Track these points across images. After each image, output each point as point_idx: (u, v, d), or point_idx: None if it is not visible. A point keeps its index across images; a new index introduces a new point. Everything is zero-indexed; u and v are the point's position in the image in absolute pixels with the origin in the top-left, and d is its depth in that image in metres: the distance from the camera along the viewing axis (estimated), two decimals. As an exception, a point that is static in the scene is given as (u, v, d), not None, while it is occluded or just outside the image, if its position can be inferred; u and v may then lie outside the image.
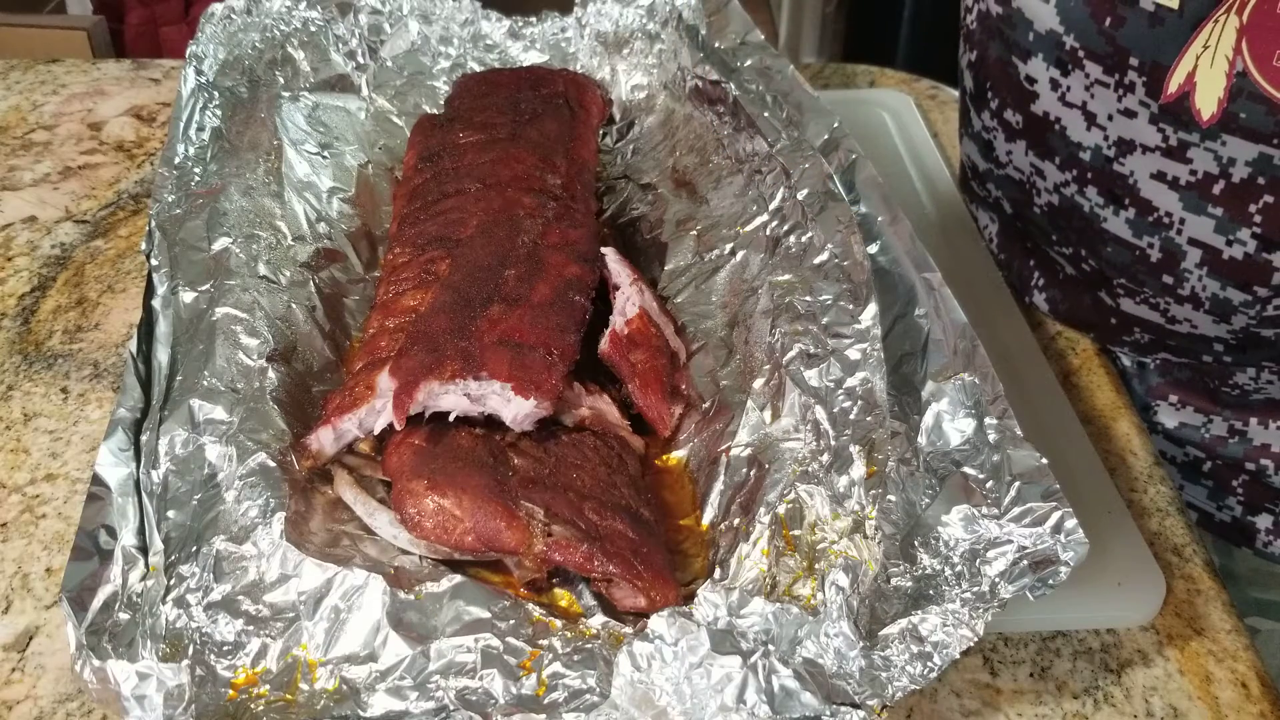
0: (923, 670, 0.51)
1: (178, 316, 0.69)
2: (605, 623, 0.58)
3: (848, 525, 0.58)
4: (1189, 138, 0.70)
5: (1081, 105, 0.75)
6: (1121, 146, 0.74)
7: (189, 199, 0.79)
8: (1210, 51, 0.67)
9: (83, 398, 0.80)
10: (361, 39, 1.04)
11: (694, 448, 0.72)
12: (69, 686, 0.61)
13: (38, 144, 1.09)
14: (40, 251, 0.95)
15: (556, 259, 0.75)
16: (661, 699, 0.50)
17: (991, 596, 0.53)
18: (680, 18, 1.02)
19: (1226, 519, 0.88)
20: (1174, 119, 0.70)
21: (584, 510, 0.62)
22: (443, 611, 0.55)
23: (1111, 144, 0.75)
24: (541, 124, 0.91)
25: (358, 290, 0.83)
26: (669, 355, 0.75)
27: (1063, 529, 0.54)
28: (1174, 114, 0.70)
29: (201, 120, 0.87)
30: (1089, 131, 0.76)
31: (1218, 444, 0.87)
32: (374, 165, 0.95)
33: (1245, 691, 0.63)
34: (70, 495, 0.72)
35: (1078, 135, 0.77)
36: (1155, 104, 0.71)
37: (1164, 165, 0.72)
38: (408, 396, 0.63)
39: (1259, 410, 0.84)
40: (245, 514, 0.58)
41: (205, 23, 0.97)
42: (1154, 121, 0.71)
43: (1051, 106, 0.78)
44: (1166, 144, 0.71)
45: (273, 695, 0.52)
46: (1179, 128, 0.70)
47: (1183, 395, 0.87)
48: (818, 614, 0.51)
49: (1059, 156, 0.79)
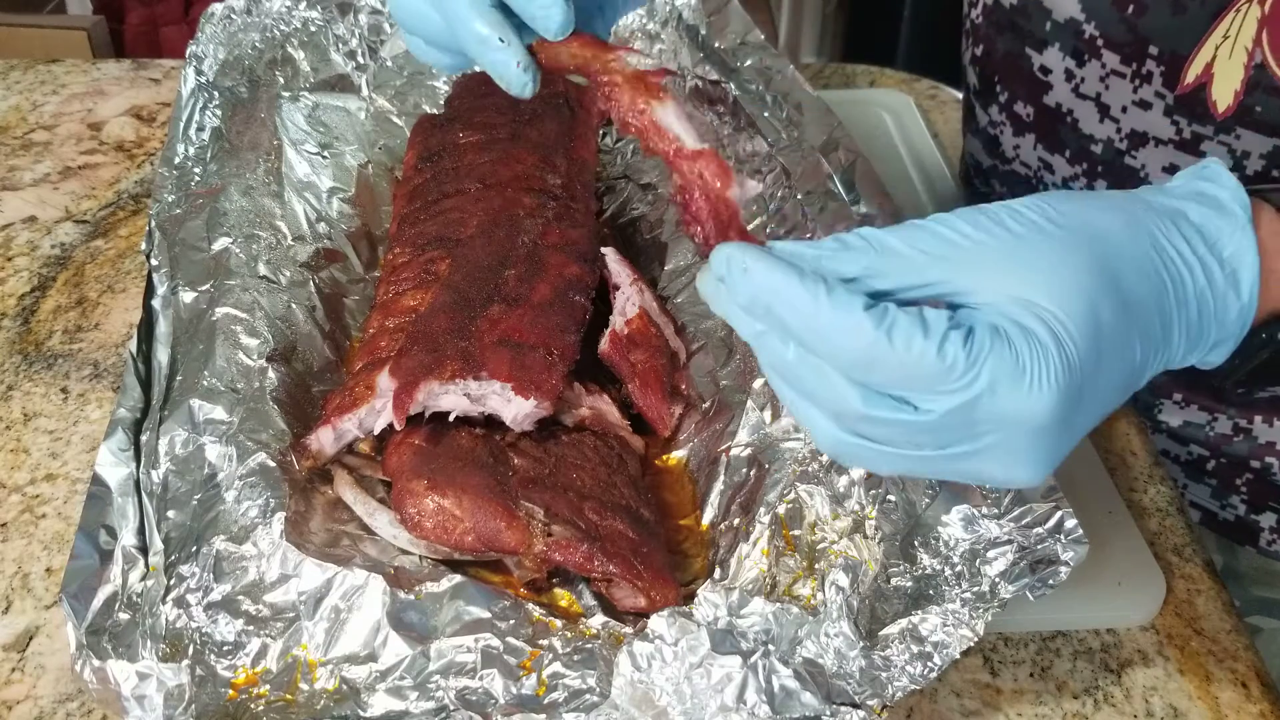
0: (923, 670, 0.51)
1: (178, 316, 0.69)
2: (605, 623, 0.58)
3: (848, 525, 0.58)
4: (1203, 130, 0.70)
5: (1096, 96, 0.75)
6: (1134, 139, 0.74)
7: (189, 199, 0.79)
8: (1230, 42, 0.67)
9: (83, 398, 0.80)
10: (361, 39, 1.04)
11: (694, 448, 0.72)
12: (69, 686, 0.61)
13: (38, 144, 1.09)
14: (40, 251, 0.95)
15: (556, 259, 0.75)
16: (661, 699, 0.50)
17: (991, 596, 0.53)
18: (680, 18, 1.02)
19: (1230, 518, 0.88)
20: (1189, 111, 0.70)
21: (584, 510, 0.62)
22: (443, 611, 0.55)
23: (1124, 136, 0.74)
24: (541, 124, 0.90)
25: (358, 290, 0.83)
26: (669, 355, 0.75)
27: (1063, 529, 0.54)
28: (1189, 106, 0.70)
29: (201, 120, 0.87)
30: (1101, 124, 0.75)
31: (1222, 442, 0.87)
32: (374, 165, 0.95)
33: (1245, 691, 0.63)
34: (70, 495, 0.72)
35: (1090, 127, 0.76)
36: (1171, 95, 0.70)
37: (1176, 158, 0.72)
38: (408, 396, 0.63)
39: (1264, 408, 0.84)
40: (245, 514, 0.58)
41: (205, 23, 0.97)
42: (1168, 114, 0.71)
43: (1064, 98, 0.77)
44: (1180, 136, 0.71)
45: (273, 695, 0.52)
46: (1193, 120, 0.70)
47: (1187, 393, 0.87)
48: (818, 614, 0.52)
49: (1069, 149, 0.79)
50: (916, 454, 0.45)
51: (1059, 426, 0.44)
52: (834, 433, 0.46)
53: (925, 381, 0.43)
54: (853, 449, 0.46)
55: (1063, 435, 0.45)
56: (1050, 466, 0.46)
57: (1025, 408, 0.43)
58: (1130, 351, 0.47)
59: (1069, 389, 0.44)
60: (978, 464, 0.45)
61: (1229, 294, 0.49)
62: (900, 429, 0.44)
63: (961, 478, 0.47)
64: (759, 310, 0.44)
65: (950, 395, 0.43)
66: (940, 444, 0.45)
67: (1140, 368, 0.48)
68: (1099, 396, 0.46)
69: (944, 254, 0.45)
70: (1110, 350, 0.45)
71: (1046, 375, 0.43)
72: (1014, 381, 0.43)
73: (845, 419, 0.45)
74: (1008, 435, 0.44)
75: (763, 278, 0.43)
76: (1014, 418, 0.43)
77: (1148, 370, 0.49)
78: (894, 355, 0.42)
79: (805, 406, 0.46)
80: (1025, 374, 0.43)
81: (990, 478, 0.46)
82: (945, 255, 0.45)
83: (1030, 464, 0.45)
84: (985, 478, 0.47)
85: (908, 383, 0.43)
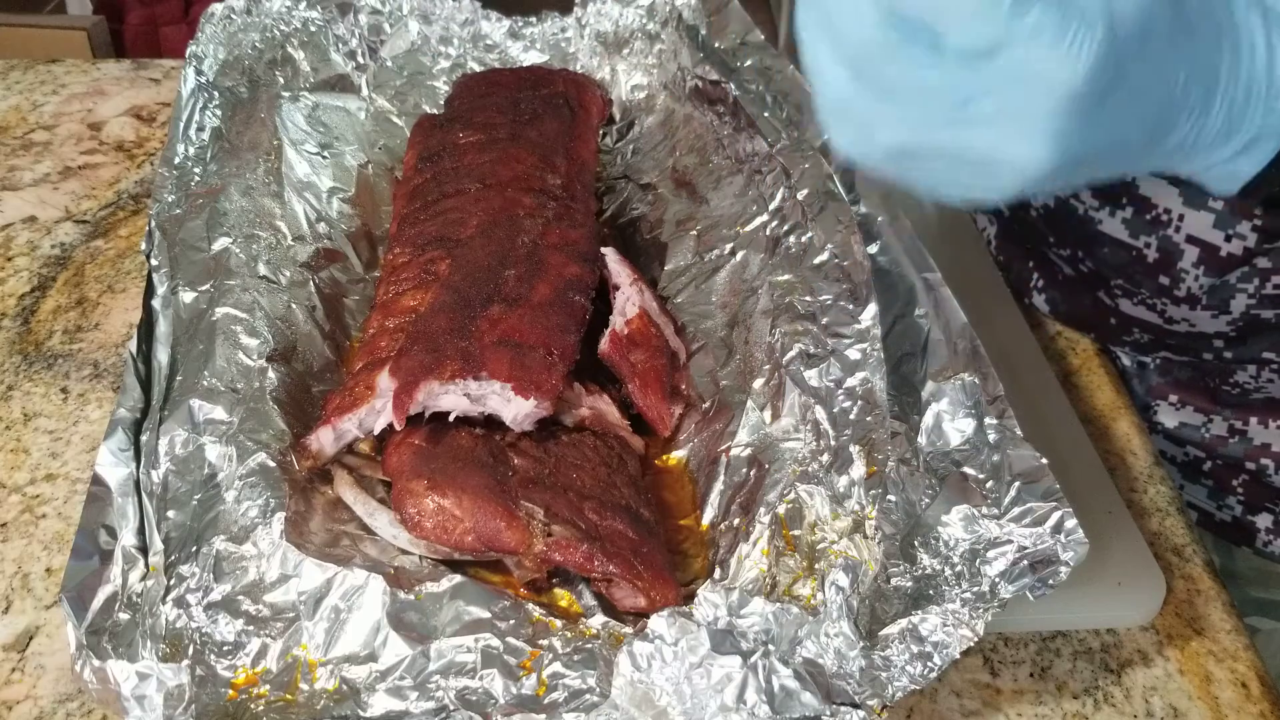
0: (923, 670, 0.51)
1: (178, 316, 0.69)
2: (605, 623, 0.58)
3: (848, 525, 0.58)
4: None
5: None
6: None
7: (189, 199, 0.79)
8: None
9: (83, 398, 0.80)
10: (361, 39, 1.04)
11: (694, 448, 0.72)
12: (69, 686, 0.61)
13: (38, 144, 1.09)
14: (40, 251, 0.95)
15: (556, 259, 0.75)
16: (661, 699, 0.50)
17: (991, 596, 0.53)
18: (680, 18, 1.02)
19: (1227, 518, 0.88)
20: None
21: (584, 510, 0.62)
22: (443, 611, 0.55)
23: None
24: (541, 124, 0.90)
25: (358, 290, 0.83)
26: (669, 355, 0.75)
27: (1063, 529, 0.54)
28: None
29: (201, 120, 0.87)
30: None
31: (1218, 443, 0.87)
32: (374, 165, 0.95)
33: (1245, 691, 0.63)
34: (70, 495, 0.72)
35: None
36: None
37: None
38: (408, 396, 0.63)
39: (1259, 409, 0.84)
40: (245, 514, 0.58)
41: (205, 23, 0.97)
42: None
43: None
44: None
45: (273, 695, 0.52)
46: None
47: (1183, 395, 0.87)
48: (818, 614, 0.52)
49: None
50: (928, 112, 0.43)
51: (1088, 101, 0.42)
52: (842, 81, 0.44)
53: (966, 10, 0.40)
54: (858, 105, 0.44)
55: (1089, 117, 0.43)
56: (1064, 152, 0.44)
57: (1062, 67, 0.41)
58: (1175, 67, 0.45)
59: (1107, 59, 0.41)
60: (992, 130, 0.43)
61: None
62: (920, 66, 0.42)
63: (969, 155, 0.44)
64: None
65: (987, 33, 0.41)
66: (957, 98, 0.42)
67: (1180, 100, 0.46)
68: (1134, 93, 0.44)
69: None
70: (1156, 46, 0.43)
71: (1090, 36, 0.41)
72: (1058, 34, 0.40)
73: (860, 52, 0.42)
74: (1034, 97, 0.42)
75: None
76: (1046, 76, 0.41)
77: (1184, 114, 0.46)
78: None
79: (820, 44, 0.44)
80: (1069, 28, 0.41)
81: (1003, 154, 0.44)
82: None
83: (1048, 137, 0.43)
84: (997, 153, 0.44)
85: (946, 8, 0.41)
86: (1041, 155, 0.43)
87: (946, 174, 0.46)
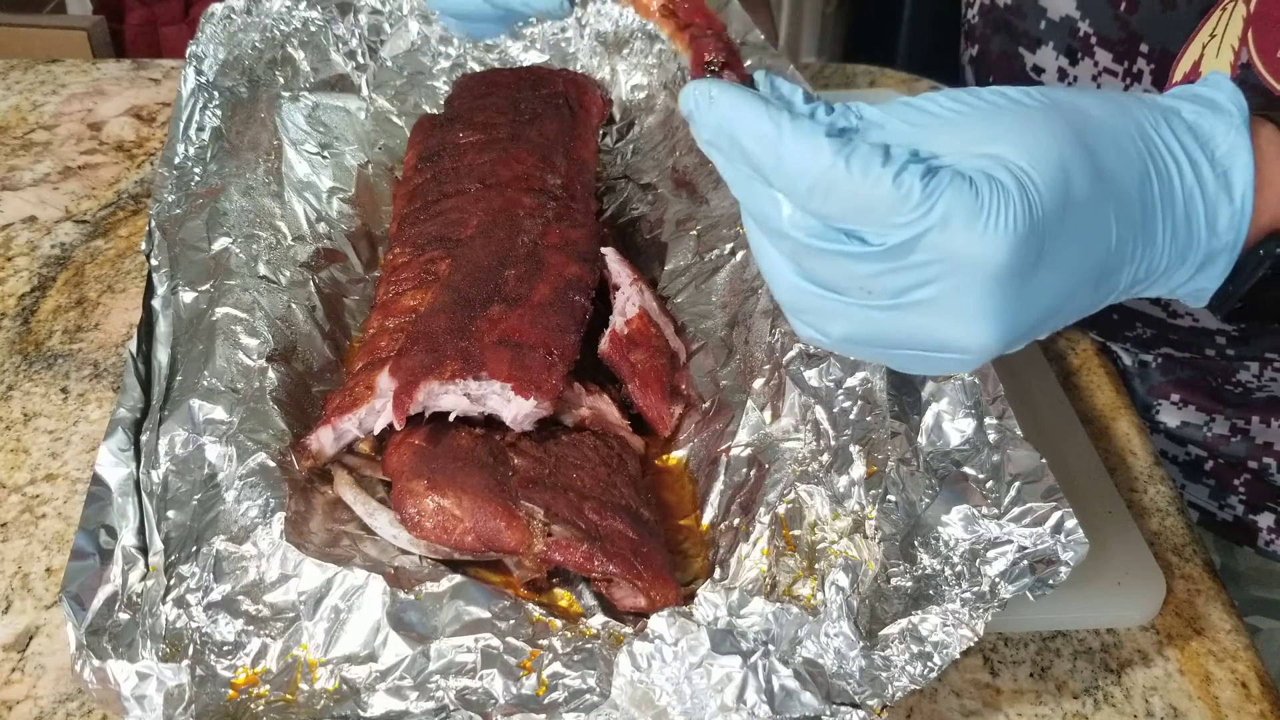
0: (923, 670, 0.51)
1: (178, 316, 0.69)
2: (605, 623, 0.58)
3: (848, 525, 0.58)
4: None
5: None
6: None
7: (189, 199, 0.79)
8: (1216, 41, 0.67)
9: (83, 398, 0.80)
10: (361, 39, 1.04)
11: (694, 448, 0.72)
12: (69, 686, 0.61)
13: (38, 144, 1.09)
14: (40, 251, 0.95)
15: (556, 259, 0.75)
16: (661, 699, 0.50)
17: (991, 596, 0.53)
18: (680, 18, 1.02)
19: (1228, 518, 0.88)
20: None
21: (584, 510, 0.62)
22: (443, 611, 0.55)
23: None
24: (541, 124, 0.90)
25: (358, 290, 0.83)
26: (669, 355, 0.75)
27: (1063, 529, 0.54)
28: None
29: (201, 120, 0.87)
30: None
31: (1220, 443, 0.87)
32: (374, 165, 0.95)
33: (1245, 691, 0.63)
34: (70, 495, 0.72)
35: None
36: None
37: None
38: (408, 396, 0.63)
39: (1261, 409, 0.84)
40: (245, 514, 0.58)
41: (205, 23, 0.97)
42: None
43: None
44: None
45: (273, 695, 0.52)
46: None
47: (1185, 394, 0.87)
48: (818, 614, 0.52)
49: None
50: (869, 305, 0.44)
51: (1016, 280, 0.43)
52: (791, 279, 0.45)
53: (880, 212, 0.42)
54: (808, 299, 0.45)
55: (1021, 294, 0.44)
56: (1006, 330, 0.44)
57: (980, 248, 0.42)
58: (1104, 225, 0.45)
59: (1028, 236, 0.42)
60: (931, 318, 0.44)
61: (1220, 196, 0.47)
62: (852, 264, 0.43)
63: (916, 343, 0.45)
64: (723, 141, 0.44)
65: (903, 228, 0.42)
66: (893, 290, 0.43)
67: (1117, 253, 0.46)
68: (1064, 263, 0.44)
69: (923, 123, 0.45)
70: (1079, 213, 0.44)
71: (1005, 216, 0.42)
72: (970, 218, 0.42)
73: (799, 255, 0.44)
74: (962, 281, 0.43)
75: (727, 107, 0.43)
76: (968, 259, 0.42)
77: (1127, 260, 0.47)
78: (850, 181, 0.42)
79: (766, 249, 0.46)
80: (983, 211, 0.42)
81: (946, 339, 0.45)
82: (924, 124, 0.45)
83: (984, 318, 0.44)
84: (940, 339, 0.45)
85: (862, 214, 0.42)
86: (981, 335, 0.44)
87: (904, 359, 0.48)
